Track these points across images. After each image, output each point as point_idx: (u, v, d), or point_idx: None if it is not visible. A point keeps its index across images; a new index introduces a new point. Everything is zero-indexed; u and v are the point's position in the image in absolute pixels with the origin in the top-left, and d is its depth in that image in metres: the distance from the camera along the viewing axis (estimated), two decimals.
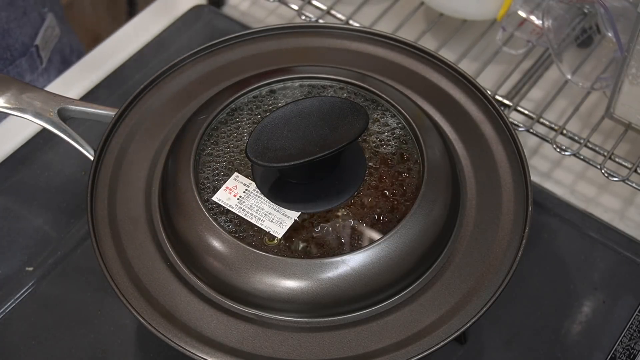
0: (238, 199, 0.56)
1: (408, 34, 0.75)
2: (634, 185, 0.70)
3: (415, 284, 0.55)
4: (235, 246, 0.54)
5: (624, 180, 0.69)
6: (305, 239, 0.54)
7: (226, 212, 0.56)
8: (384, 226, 0.55)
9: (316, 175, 0.57)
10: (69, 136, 0.62)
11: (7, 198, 0.74)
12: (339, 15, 0.81)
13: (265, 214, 0.55)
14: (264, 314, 0.54)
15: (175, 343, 0.53)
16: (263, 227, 0.55)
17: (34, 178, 0.75)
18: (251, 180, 0.57)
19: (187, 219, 0.55)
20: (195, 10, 0.88)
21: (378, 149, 0.58)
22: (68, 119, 0.63)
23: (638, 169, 0.70)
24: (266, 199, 0.56)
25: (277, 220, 0.55)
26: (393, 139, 0.59)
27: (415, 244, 0.54)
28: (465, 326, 0.53)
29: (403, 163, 0.58)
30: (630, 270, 0.69)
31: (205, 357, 0.52)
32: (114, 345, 0.65)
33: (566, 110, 0.78)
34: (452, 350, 0.65)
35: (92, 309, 0.67)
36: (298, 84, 0.62)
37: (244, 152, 0.58)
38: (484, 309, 0.53)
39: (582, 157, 0.72)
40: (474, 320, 0.53)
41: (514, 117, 0.75)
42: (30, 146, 0.77)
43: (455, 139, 0.62)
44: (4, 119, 0.80)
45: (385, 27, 0.77)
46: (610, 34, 0.73)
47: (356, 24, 0.79)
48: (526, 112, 0.75)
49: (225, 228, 0.55)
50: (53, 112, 0.62)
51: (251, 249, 0.53)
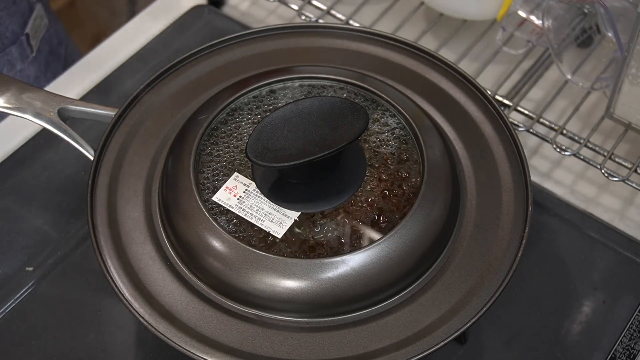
0: (238, 199, 0.56)
1: (408, 34, 0.75)
2: (634, 185, 0.70)
3: (415, 284, 0.55)
4: (235, 246, 0.54)
5: (624, 180, 0.69)
6: (305, 239, 0.54)
7: (226, 212, 0.56)
8: (384, 226, 0.55)
9: (316, 175, 0.57)
10: (69, 136, 0.62)
11: (7, 198, 0.74)
12: (339, 15, 0.81)
13: (265, 214, 0.55)
14: (264, 314, 0.54)
15: (175, 343, 0.53)
16: (263, 227, 0.55)
17: (34, 178, 0.75)
18: (251, 180, 0.57)
19: (187, 219, 0.55)
20: (195, 10, 0.88)
21: (378, 149, 0.58)
22: (68, 119, 0.63)
23: (638, 169, 0.70)
24: (266, 199, 0.56)
25: (277, 220, 0.55)
26: (393, 139, 0.59)
27: (415, 244, 0.54)
28: (465, 326, 0.53)
29: (403, 163, 0.58)
30: (630, 270, 0.69)
31: (205, 357, 0.52)
32: (114, 345, 0.65)
33: (566, 110, 0.78)
34: (452, 350, 0.65)
35: (92, 309, 0.67)
36: (298, 84, 0.62)
37: (244, 152, 0.58)
38: (484, 309, 0.53)
39: (582, 157, 0.72)
40: (474, 320, 0.53)
41: (514, 117, 0.75)
42: (30, 146, 0.77)
43: (455, 139, 0.62)
44: (4, 119, 0.80)
45: (385, 27, 0.77)
46: (610, 34, 0.73)
47: (356, 24, 0.79)
48: (526, 112, 0.75)
49: (225, 228, 0.55)
50: (53, 112, 0.62)
51: (251, 249, 0.53)
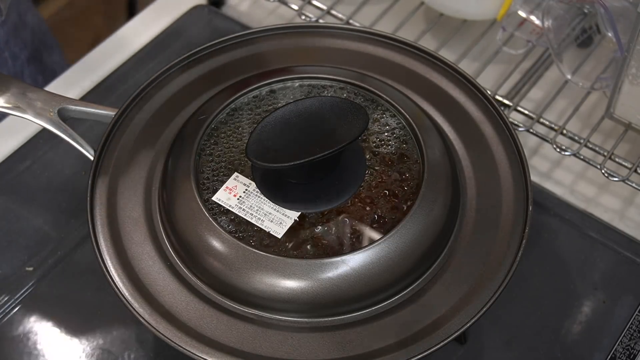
0: (238, 199, 0.56)
1: (408, 34, 0.75)
2: (634, 185, 0.70)
3: (415, 284, 0.55)
4: (235, 246, 0.54)
5: (624, 180, 0.69)
6: (305, 239, 0.54)
7: (226, 212, 0.56)
8: (384, 226, 0.55)
9: (316, 175, 0.57)
10: (69, 136, 0.62)
11: (7, 198, 0.74)
12: (339, 15, 0.81)
13: (265, 214, 0.55)
14: (264, 314, 0.54)
15: (175, 343, 0.53)
16: (263, 227, 0.55)
17: (34, 178, 0.75)
18: (251, 180, 0.57)
19: (187, 219, 0.55)
20: (195, 10, 0.88)
21: (378, 149, 0.58)
22: (68, 119, 0.63)
23: (638, 169, 0.70)
24: (266, 199, 0.56)
25: (277, 220, 0.55)
26: (393, 139, 0.59)
27: (415, 244, 0.54)
28: (465, 326, 0.53)
29: (403, 163, 0.58)
30: (630, 270, 0.69)
31: (205, 357, 0.52)
32: (114, 345, 0.65)
33: (566, 110, 0.78)
34: (452, 350, 0.65)
35: (92, 309, 0.67)
36: (298, 84, 0.62)
37: (244, 152, 0.58)
38: (484, 309, 0.53)
39: (582, 157, 0.72)
40: (474, 320, 0.53)
41: (514, 117, 0.75)
42: (30, 146, 0.77)
43: (455, 139, 0.62)
44: (4, 119, 0.80)
45: (385, 27, 0.77)
46: (610, 34, 0.73)
47: (356, 24, 0.79)
48: (526, 112, 0.75)
49: (225, 228, 0.55)
50: (53, 112, 0.62)
51: (251, 249, 0.53)
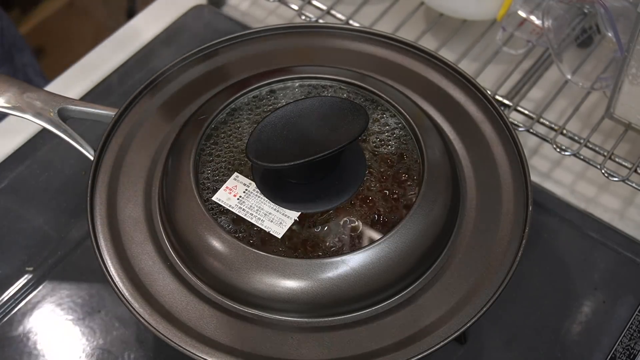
0: (238, 199, 0.56)
1: (408, 34, 0.75)
2: (634, 185, 0.70)
3: (415, 284, 0.55)
4: (235, 246, 0.54)
5: (624, 180, 0.69)
6: (305, 239, 0.54)
7: (226, 212, 0.56)
8: (384, 226, 0.55)
9: (316, 175, 0.57)
10: (69, 136, 0.62)
11: (7, 198, 0.74)
12: (339, 15, 0.81)
13: (265, 214, 0.55)
14: (264, 314, 0.54)
15: (175, 343, 0.53)
16: (263, 227, 0.55)
17: (34, 178, 0.75)
18: (251, 180, 0.57)
19: (187, 219, 0.55)
20: (195, 10, 0.88)
21: (378, 149, 0.58)
22: (68, 119, 0.63)
23: (638, 169, 0.70)
24: (266, 199, 0.56)
25: (277, 220, 0.55)
26: (393, 139, 0.59)
27: (415, 244, 0.54)
28: (465, 326, 0.53)
29: (403, 163, 0.58)
30: (630, 270, 0.69)
31: (205, 357, 0.52)
32: (114, 345, 0.65)
33: (566, 110, 0.78)
34: (452, 350, 0.65)
35: (92, 309, 0.67)
36: (298, 84, 0.62)
37: (244, 152, 0.58)
38: (484, 309, 0.53)
39: (582, 157, 0.72)
40: (474, 320, 0.53)
41: (514, 117, 0.75)
42: (30, 146, 0.77)
43: (455, 139, 0.62)
44: (4, 119, 0.80)
45: (385, 27, 0.77)
46: (610, 34, 0.73)
47: (356, 24, 0.79)
48: (526, 112, 0.75)
49: (225, 228, 0.55)
50: (53, 112, 0.62)
51: (251, 249, 0.53)
